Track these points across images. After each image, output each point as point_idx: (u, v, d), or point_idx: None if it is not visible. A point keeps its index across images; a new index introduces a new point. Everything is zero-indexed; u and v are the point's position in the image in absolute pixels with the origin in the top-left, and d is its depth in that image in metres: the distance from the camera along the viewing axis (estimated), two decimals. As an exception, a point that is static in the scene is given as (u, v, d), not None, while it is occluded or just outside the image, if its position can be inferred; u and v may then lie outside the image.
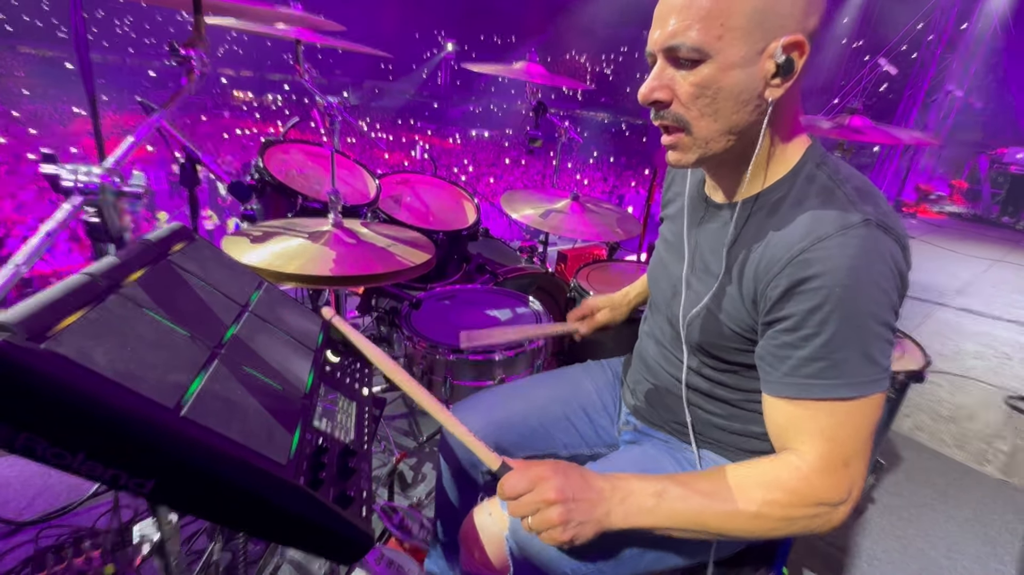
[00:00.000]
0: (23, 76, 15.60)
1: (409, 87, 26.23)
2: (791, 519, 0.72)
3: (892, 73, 4.60)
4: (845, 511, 0.72)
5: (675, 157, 0.79)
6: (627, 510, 0.73)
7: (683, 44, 0.69)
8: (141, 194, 0.78)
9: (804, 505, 0.71)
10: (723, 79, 0.70)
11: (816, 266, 0.68)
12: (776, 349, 0.74)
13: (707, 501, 0.73)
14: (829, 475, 0.70)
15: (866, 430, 0.71)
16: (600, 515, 0.72)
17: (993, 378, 3.04)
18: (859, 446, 0.71)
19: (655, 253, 1.07)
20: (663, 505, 0.73)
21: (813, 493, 0.71)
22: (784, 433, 0.75)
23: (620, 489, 0.74)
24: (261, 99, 18.30)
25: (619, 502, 0.73)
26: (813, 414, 0.71)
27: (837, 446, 0.70)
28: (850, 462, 0.70)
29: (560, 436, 1.11)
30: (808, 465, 0.71)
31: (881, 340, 0.69)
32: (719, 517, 0.73)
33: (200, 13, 0.98)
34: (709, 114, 0.73)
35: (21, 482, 1.60)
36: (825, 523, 0.72)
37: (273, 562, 1.41)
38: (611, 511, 0.73)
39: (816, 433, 0.71)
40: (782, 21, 0.68)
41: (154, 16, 22.13)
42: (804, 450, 0.72)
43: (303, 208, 1.82)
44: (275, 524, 0.58)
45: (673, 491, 0.74)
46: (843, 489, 0.71)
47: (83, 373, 0.48)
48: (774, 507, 0.71)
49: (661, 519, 0.73)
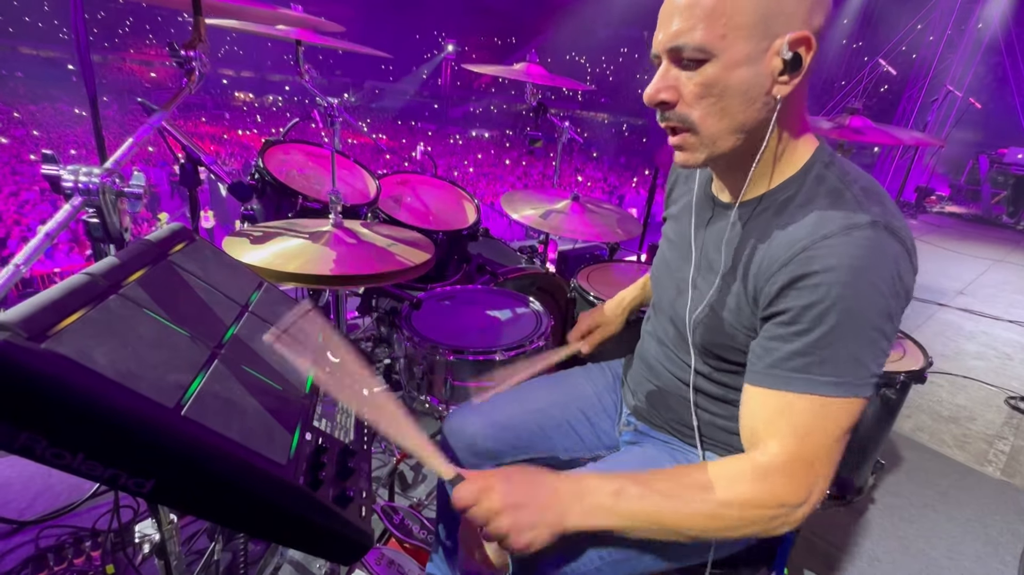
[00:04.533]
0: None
1: (409, 87, 26.29)
2: (748, 520, 0.71)
3: (892, 73, 4.61)
4: (804, 513, 0.71)
5: (683, 158, 0.79)
6: (584, 509, 0.72)
7: (687, 44, 0.69)
8: (141, 194, 0.78)
9: (763, 506, 0.70)
10: (728, 78, 0.70)
11: (818, 263, 0.68)
12: (766, 341, 0.74)
13: (664, 500, 0.72)
14: (792, 475, 0.70)
15: (838, 433, 0.70)
16: (552, 518, 0.71)
17: (994, 378, 3.04)
18: (827, 448, 0.70)
19: (659, 253, 1.06)
20: (620, 504, 0.72)
21: (774, 494, 0.70)
22: (756, 424, 0.74)
23: (578, 489, 0.73)
24: (262, 99, 18.37)
25: (576, 501, 0.72)
26: (789, 408, 0.71)
27: (805, 445, 0.70)
28: (815, 464, 0.70)
29: (559, 440, 1.11)
30: (771, 462, 0.70)
31: (873, 345, 0.69)
32: (676, 516, 0.72)
33: (200, 14, 0.99)
34: (715, 113, 0.72)
35: (22, 482, 1.60)
36: (782, 525, 0.71)
37: (273, 562, 1.41)
38: (566, 511, 0.72)
39: (787, 430, 0.70)
40: (787, 18, 0.68)
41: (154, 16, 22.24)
42: (771, 447, 0.71)
43: (303, 208, 1.82)
44: (275, 524, 0.58)
45: (631, 490, 0.73)
46: (803, 491, 0.70)
47: (83, 373, 0.48)
48: (731, 507, 0.71)
49: (619, 518, 0.72)
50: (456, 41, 24.71)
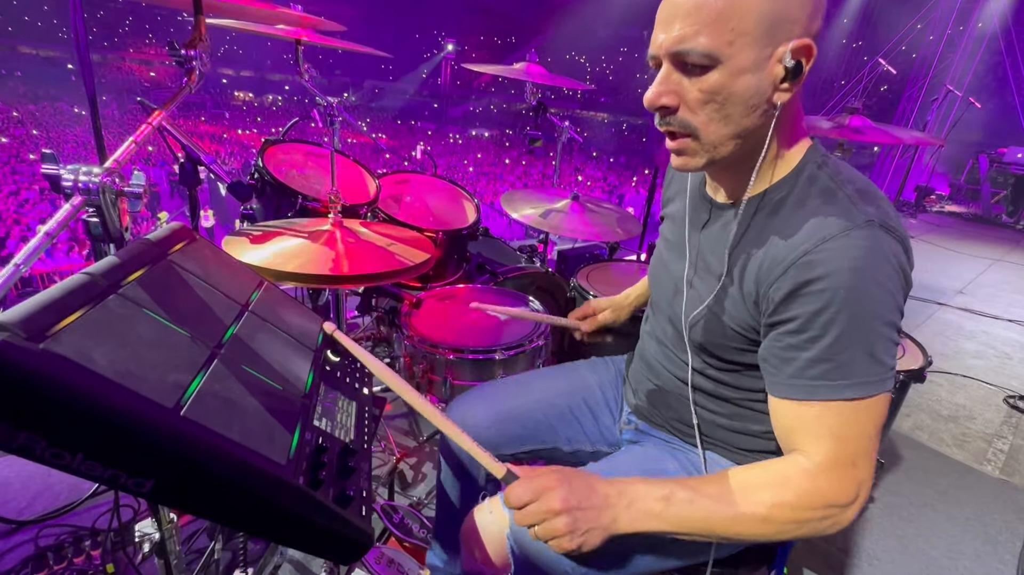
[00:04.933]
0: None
1: (409, 87, 26.27)
2: (800, 522, 0.71)
3: (892, 73, 4.61)
4: (853, 512, 0.71)
5: (681, 162, 0.78)
6: (634, 515, 0.73)
7: (693, 50, 0.67)
8: (141, 194, 0.78)
9: (813, 507, 0.71)
10: (733, 85, 0.69)
11: (820, 268, 0.68)
12: (781, 351, 0.74)
13: (715, 504, 0.72)
14: (837, 476, 0.70)
15: (872, 430, 0.70)
16: (607, 522, 0.72)
17: (993, 378, 3.05)
18: (866, 446, 0.70)
19: (656, 253, 1.07)
20: (671, 509, 0.73)
21: (821, 495, 0.70)
22: (790, 434, 0.75)
23: (626, 494, 0.74)
24: (261, 99, 18.37)
25: (625, 507, 0.73)
26: (820, 415, 0.71)
27: (844, 446, 0.70)
28: (858, 462, 0.70)
29: (563, 430, 1.11)
30: (816, 466, 0.71)
31: (886, 340, 0.69)
32: (727, 521, 0.72)
33: (200, 13, 0.99)
34: (718, 119, 0.72)
35: (21, 482, 1.60)
36: (833, 524, 0.71)
37: (273, 562, 1.41)
38: (618, 517, 0.73)
39: (823, 434, 0.71)
40: (791, 25, 0.67)
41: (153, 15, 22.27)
42: (811, 451, 0.72)
43: (303, 208, 1.82)
44: (275, 524, 0.58)
45: (680, 495, 0.73)
46: (851, 490, 0.70)
47: (82, 373, 0.48)
48: (783, 510, 0.71)
49: (669, 523, 0.73)
50: (456, 40, 24.71)
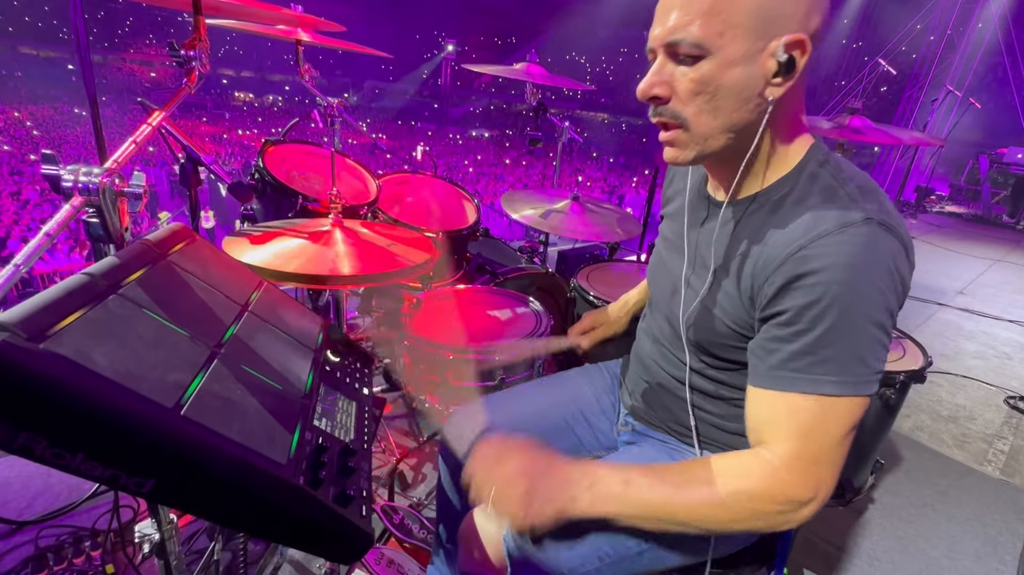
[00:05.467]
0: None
1: (409, 87, 26.27)
2: (756, 512, 0.72)
3: (892, 73, 4.61)
4: (811, 510, 0.72)
5: (672, 154, 0.79)
6: (594, 496, 0.74)
7: (684, 40, 0.69)
8: (141, 194, 0.78)
9: (771, 500, 0.71)
10: (723, 76, 0.70)
11: (814, 262, 0.68)
12: (767, 342, 0.74)
13: (673, 490, 0.73)
14: (799, 472, 0.70)
15: (843, 430, 0.70)
16: (565, 499, 0.73)
17: (993, 378, 3.04)
18: (833, 445, 0.70)
19: (655, 251, 1.07)
20: (630, 492, 0.74)
21: (781, 489, 0.70)
22: (761, 426, 0.75)
23: (589, 475, 0.75)
24: (262, 99, 18.37)
25: (587, 488, 0.74)
26: (792, 409, 0.71)
27: (809, 444, 0.70)
28: (821, 460, 0.70)
29: (560, 442, 1.11)
30: (779, 460, 0.71)
31: (874, 342, 0.69)
32: (685, 506, 0.73)
33: (200, 13, 0.99)
34: (708, 111, 0.72)
35: (21, 482, 1.60)
36: (789, 520, 0.72)
37: (273, 562, 1.41)
38: (577, 497, 0.74)
39: (792, 429, 0.71)
40: (785, 20, 0.68)
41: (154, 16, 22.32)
42: (777, 445, 0.72)
43: (303, 208, 1.82)
44: (275, 524, 0.58)
45: (640, 480, 0.74)
46: (811, 487, 0.70)
47: (82, 373, 0.48)
48: (739, 498, 0.71)
49: (627, 505, 0.74)
50: (456, 41, 24.72)
